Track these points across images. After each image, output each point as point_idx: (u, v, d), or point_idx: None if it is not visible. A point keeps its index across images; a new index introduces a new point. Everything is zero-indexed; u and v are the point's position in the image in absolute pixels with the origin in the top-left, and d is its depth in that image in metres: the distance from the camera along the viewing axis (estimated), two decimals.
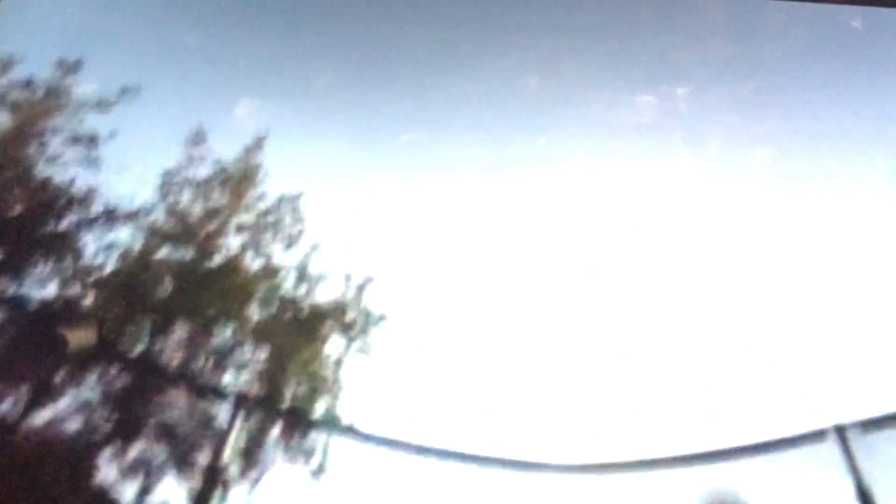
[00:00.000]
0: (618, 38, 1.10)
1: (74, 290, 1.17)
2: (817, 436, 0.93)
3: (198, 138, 1.20)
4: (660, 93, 1.07)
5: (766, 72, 1.09)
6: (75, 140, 1.22)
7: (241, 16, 1.07)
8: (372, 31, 1.06)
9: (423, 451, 1.03)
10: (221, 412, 1.14)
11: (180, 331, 1.16)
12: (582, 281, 0.98)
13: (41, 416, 1.13)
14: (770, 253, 1.00)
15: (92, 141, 1.22)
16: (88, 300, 1.17)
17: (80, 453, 1.08)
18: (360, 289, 1.21)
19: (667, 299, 0.98)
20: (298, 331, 1.19)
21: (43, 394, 1.14)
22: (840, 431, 0.93)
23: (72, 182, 1.21)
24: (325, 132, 1.03)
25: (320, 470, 1.17)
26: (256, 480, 1.16)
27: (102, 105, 1.22)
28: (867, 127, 1.09)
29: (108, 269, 1.17)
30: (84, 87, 1.21)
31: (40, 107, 1.20)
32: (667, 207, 1.02)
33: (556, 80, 1.06)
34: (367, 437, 1.13)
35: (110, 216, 1.19)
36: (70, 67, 1.21)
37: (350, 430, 1.16)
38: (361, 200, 1.06)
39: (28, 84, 1.21)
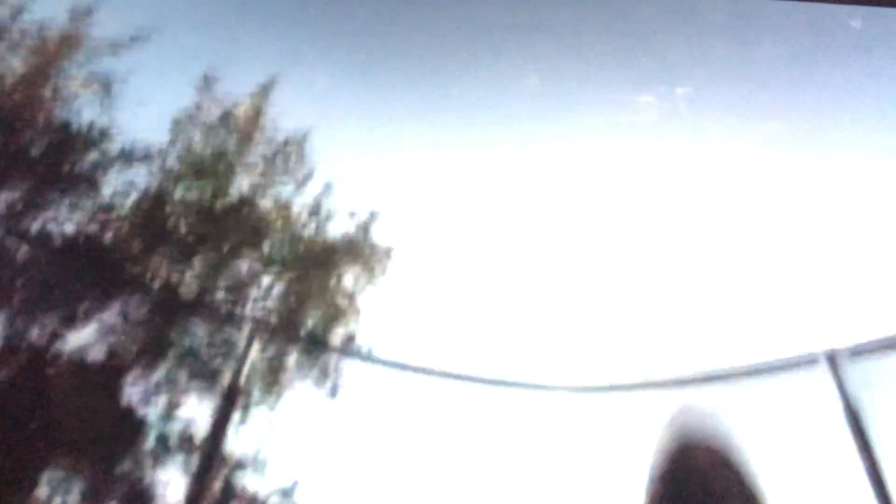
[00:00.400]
0: (619, 38, 1.10)
1: (96, 226, 1.20)
2: (809, 360, 0.94)
3: (209, 81, 1.22)
4: (660, 93, 1.07)
5: (766, 71, 1.10)
6: (91, 81, 1.24)
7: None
8: (369, 34, 1.06)
9: (431, 372, 1.06)
10: (240, 338, 1.18)
11: (200, 263, 1.19)
12: (576, 277, 0.99)
13: (71, 342, 1.17)
14: (767, 248, 1.00)
15: (107, 83, 1.24)
16: (110, 235, 1.20)
17: (109, 375, 1.11)
18: (369, 224, 1.23)
19: (662, 289, 0.99)
20: (312, 262, 1.22)
21: (70, 322, 1.17)
22: (831, 356, 0.95)
23: (90, 123, 1.23)
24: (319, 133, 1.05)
25: (334, 391, 1.21)
26: (274, 401, 1.20)
27: (115, 48, 1.24)
28: (866, 125, 1.09)
29: (129, 205, 1.20)
30: (98, 30, 1.22)
31: (56, 49, 1.22)
32: (667, 205, 1.02)
33: (557, 81, 1.07)
34: (378, 360, 1.16)
35: (129, 156, 1.22)
36: (84, 10, 1.23)
37: (361, 354, 1.19)
38: (373, 143, 1.08)
39: (44, 28, 1.23)
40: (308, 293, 1.22)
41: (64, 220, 1.22)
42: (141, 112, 1.23)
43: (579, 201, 1.02)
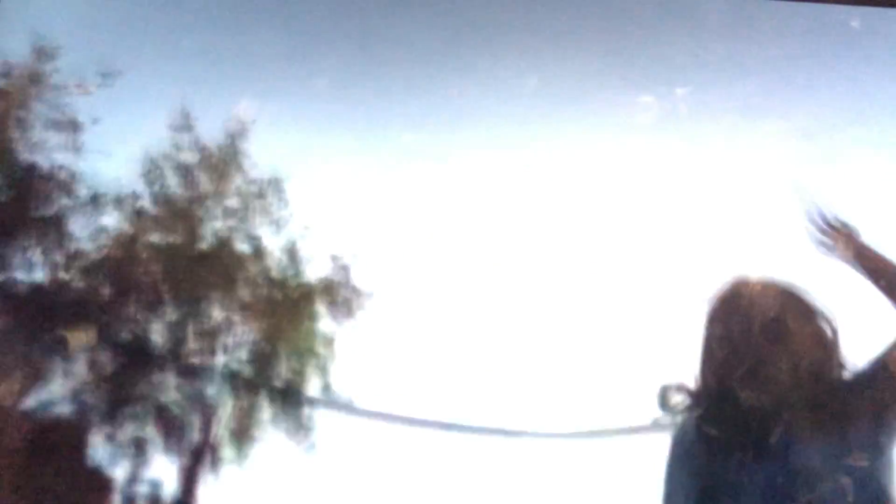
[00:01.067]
0: (618, 39, 1.10)
1: (64, 274, 1.16)
2: None
3: (184, 120, 1.18)
4: (659, 93, 1.07)
5: (766, 72, 1.10)
6: (59, 125, 1.20)
7: (239, 8, 1.07)
8: (369, 34, 1.06)
9: (410, 421, 1.03)
10: (213, 390, 1.14)
11: (171, 312, 1.16)
12: (577, 276, 0.99)
13: (36, 398, 1.13)
14: (767, 250, 1.00)
15: (75, 126, 1.20)
16: (79, 283, 1.16)
17: (75, 433, 1.08)
18: (348, 267, 1.20)
19: (662, 289, 0.99)
20: (288, 308, 1.19)
21: (36, 376, 1.13)
22: None
23: (58, 167, 1.19)
24: (323, 123, 1.04)
25: (310, 444, 1.17)
26: (247, 456, 1.16)
27: (84, 87, 1.20)
28: (866, 125, 1.09)
29: (100, 252, 1.17)
30: (66, 73, 1.19)
31: (23, 92, 1.19)
32: (666, 205, 1.02)
33: (556, 81, 1.07)
34: (356, 411, 1.13)
35: (97, 201, 1.18)
36: (50, 54, 1.19)
37: (339, 404, 1.16)
38: (354, 187, 1.07)
39: (9, 71, 1.20)
40: (284, 341, 1.19)
41: (31, 267, 1.18)
42: (116, 152, 1.20)
43: (579, 203, 1.02)
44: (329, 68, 1.06)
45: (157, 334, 1.15)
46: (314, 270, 1.20)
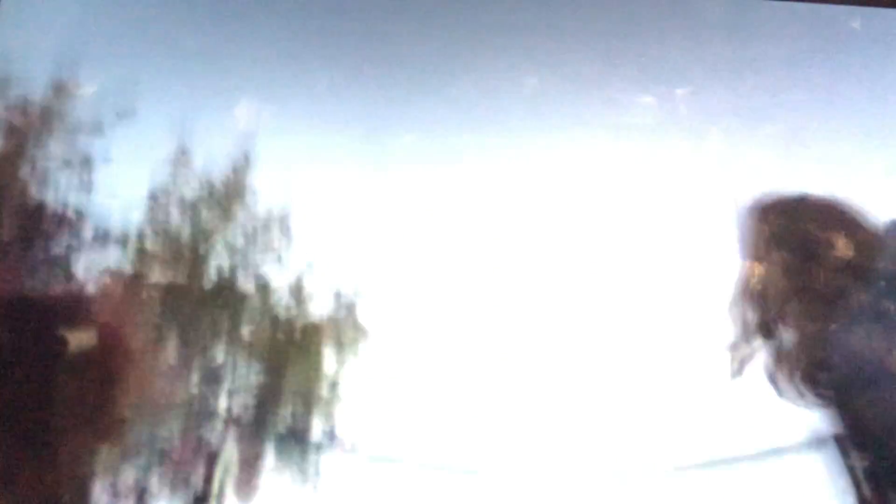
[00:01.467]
0: (618, 39, 1.10)
1: (67, 310, 1.15)
2: (820, 443, 0.93)
3: (185, 155, 1.17)
4: (659, 93, 1.07)
5: (766, 72, 1.10)
6: (68, 163, 1.20)
7: (237, 18, 1.07)
8: (370, 33, 1.06)
9: (422, 466, 1.02)
10: (214, 433, 1.12)
11: (173, 352, 1.14)
12: (583, 281, 0.98)
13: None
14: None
15: (86, 163, 1.20)
16: (80, 323, 1.15)
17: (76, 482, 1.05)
18: (353, 306, 1.18)
19: (662, 301, 0.99)
20: (293, 349, 1.18)
21: (36, 420, 1.11)
22: (840, 439, 0.93)
23: (66, 203, 1.19)
24: (324, 133, 1.03)
25: (315, 489, 1.14)
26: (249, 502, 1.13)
27: (97, 126, 1.19)
28: (867, 127, 1.09)
29: (99, 291, 1.15)
30: (79, 107, 1.18)
31: (36, 127, 1.18)
32: (666, 207, 1.02)
33: (556, 81, 1.06)
34: (363, 454, 1.11)
35: (102, 239, 1.17)
36: (66, 90, 1.18)
37: (345, 448, 1.14)
38: (359, 208, 1.06)
39: (23, 104, 1.19)
40: (287, 382, 1.17)
41: (33, 304, 1.16)
42: (121, 190, 1.19)
43: (579, 202, 1.01)
44: (330, 69, 1.06)
45: (160, 377, 1.14)
46: (319, 308, 1.19)
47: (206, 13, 1.10)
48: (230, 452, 1.12)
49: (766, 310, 0.95)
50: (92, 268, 1.15)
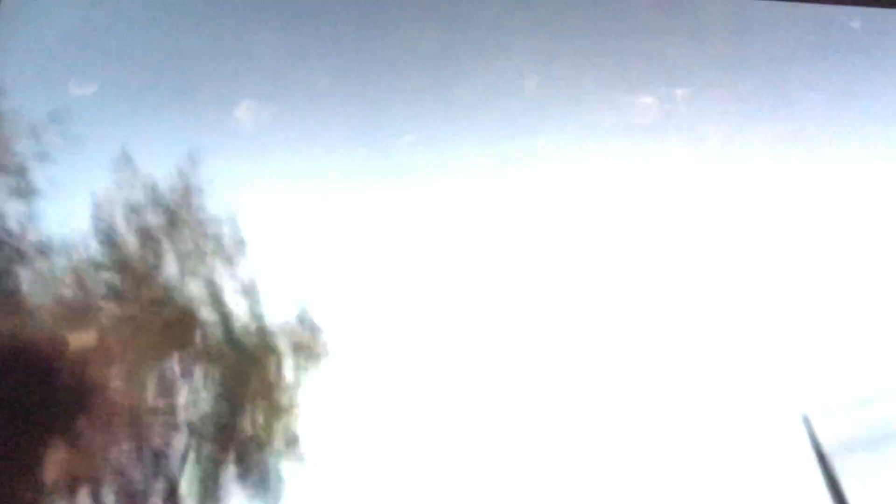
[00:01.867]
0: (618, 40, 1.10)
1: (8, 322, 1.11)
2: (788, 422, 0.94)
3: (126, 161, 1.13)
4: (660, 94, 1.07)
5: (766, 73, 1.10)
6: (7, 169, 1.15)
7: (236, 20, 1.07)
8: (369, 34, 1.06)
9: (386, 472, 1.00)
10: (173, 447, 1.09)
11: (123, 365, 1.11)
12: (581, 282, 0.98)
13: None
14: (767, 252, 1.00)
15: (23, 169, 1.15)
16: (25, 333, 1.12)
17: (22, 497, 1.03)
18: (307, 309, 1.15)
19: (663, 300, 0.99)
20: (247, 355, 1.15)
21: None
22: (808, 420, 0.95)
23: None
24: (323, 134, 1.03)
25: (276, 499, 1.12)
26: None
27: (33, 130, 1.15)
28: (867, 126, 1.09)
29: (44, 300, 1.11)
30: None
31: None
32: (667, 207, 1.02)
33: (556, 82, 1.07)
34: (325, 462, 1.09)
35: (45, 248, 1.13)
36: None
37: (306, 457, 1.12)
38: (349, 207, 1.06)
39: None
40: (244, 390, 1.14)
41: None
42: (65, 196, 1.16)
43: (580, 202, 1.01)
44: (329, 69, 1.06)
45: (111, 390, 1.11)
46: (278, 314, 1.16)
47: (207, 14, 1.10)
48: (191, 464, 1.10)
49: None
50: (36, 279, 1.12)
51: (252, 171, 1.13)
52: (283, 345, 1.18)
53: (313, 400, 1.10)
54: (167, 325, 1.10)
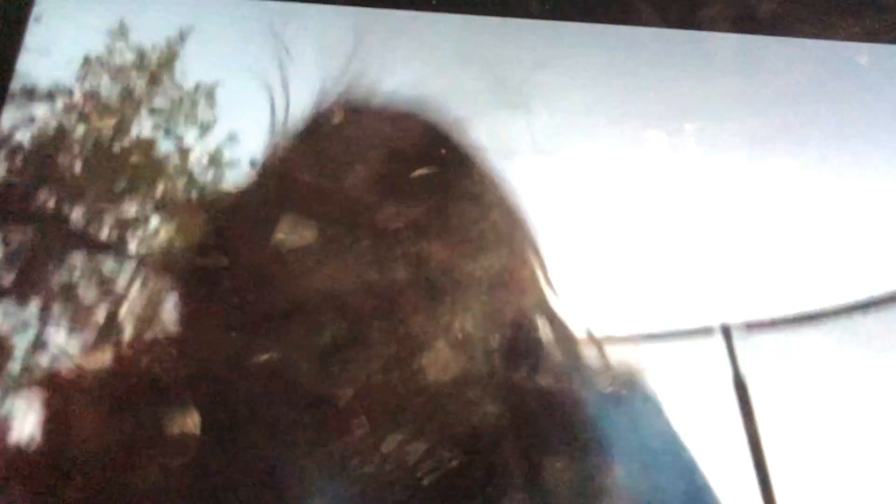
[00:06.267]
0: (628, 75, 1.11)
1: None
2: (705, 331, 0.97)
3: (123, 28, 1.19)
4: (669, 128, 1.09)
5: (774, 107, 1.11)
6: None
7: None
8: (376, 66, 1.08)
9: None
10: (122, 276, 1.15)
11: (88, 200, 1.16)
12: (591, 312, 0.99)
13: None
14: (774, 284, 1.01)
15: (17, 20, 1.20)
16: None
17: None
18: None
19: (667, 330, 1.00)
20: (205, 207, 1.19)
21: None
22: (726, 329, 0.98)
23: None
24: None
25: None
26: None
27: None
28: (875, 160, 1.10)
29: (23, 141, 1.17)
30: None
31: None
32: (676, 237, 1.03)
33: (568, 116, 1.08)
34: None
35: (30, 93, 1.19)
36: None
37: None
38: None
39: None
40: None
41: None
42: (54, 51, 1.21)
43: (589, 234, 1.02)
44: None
45: (73, 222, 1.16)
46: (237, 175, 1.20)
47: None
48: (136, 290, 1.13)
49: None
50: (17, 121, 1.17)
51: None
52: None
53: None
54: (131, 170, 1.14)
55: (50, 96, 1.17)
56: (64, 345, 1.03)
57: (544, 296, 0.99)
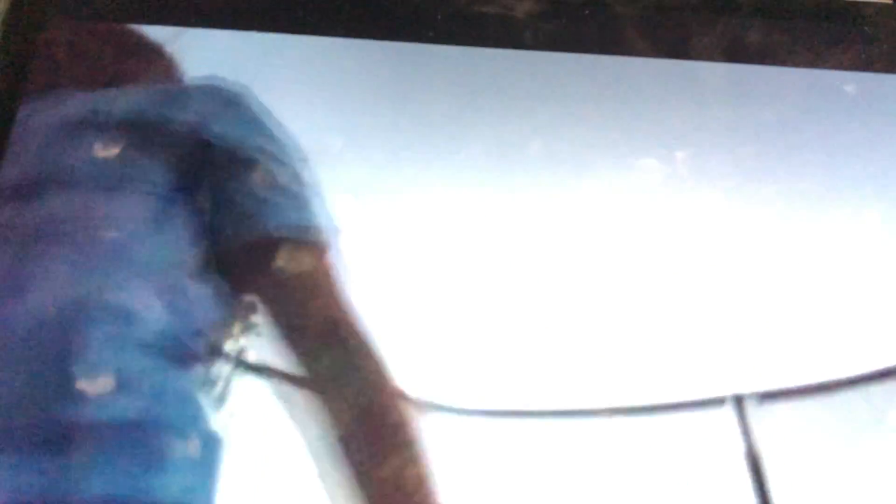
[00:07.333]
0: (619, 104, 1.13)
1: None
2: (716, 402, 0.95)
3: None
4: (660, 156, 1.10)
5: (763, 135, 1.13)
6: None
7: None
8: (383, 101, 1.10)
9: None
10: None
11: None
12: (583, 338, 1.00)
13: None
14: (767, 311, 1.02)
15: None
16: None
17: None
18: None
19: (660, 355, 1.01)
20: None
21: None
22: (738, 400, 0.96)
23: None
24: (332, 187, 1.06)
25: None
26: None
27: None
28: (862, 187, 1.12)
29: None
30: None
31: None
32: (667, 266, 1.05)
33: (560, 144, 1.10)
34: None
35: None
36: None
37: None
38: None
39: None
40: None
41: None
42: None
43: (581, 262, 1.04)
44: (338, 129, 1.09)
45: None
46: None
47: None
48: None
49: None
50: None
51: None
52: None
53: None
54: None
55: None
56: None
57: None
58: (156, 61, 1.08)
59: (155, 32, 1.13)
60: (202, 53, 1.11)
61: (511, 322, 1.01)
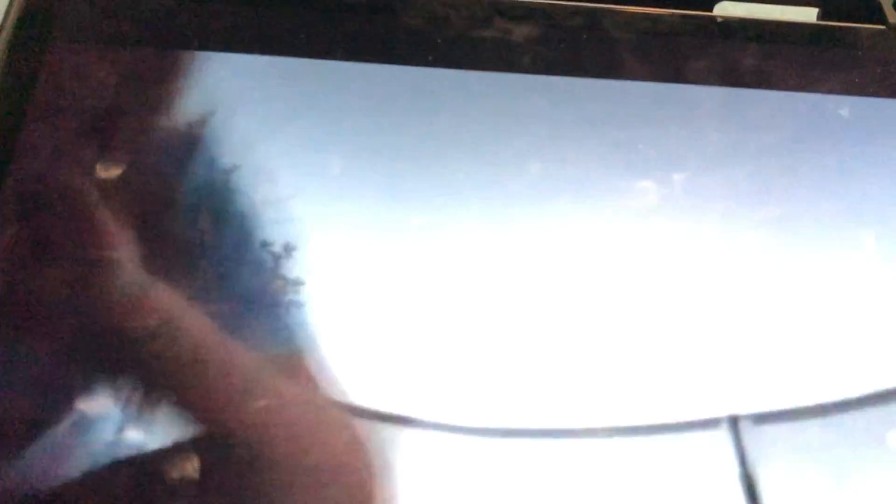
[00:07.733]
0: (617, 127, 1.14)
1: None
2: (711, 423, 0.94)
3: None
4: (657, 178, 1.11)
5: (759, 158, 1.14)
6: None
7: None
8: (382, 124, 1.11)
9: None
10: None
11: None
12: (580, 357, 1.00)
13: None
14: (762, 332, 1.03)
15: None
16: None
17: None
18: None
19: (658, 375, 1.01)
20: None
21: None
22: (734, 421, 0.95)
23: None
24: (333, 218, 1.07)
25: None
26: None
27: None
28: (857, 209, 1.13)
29: None
30: None
31: None
32: (663, 287, 1.05)
33: (558, 166, 1.11)
34: None
35: None
36: None
37: None
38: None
39: None
40: None
41: None
42: None
43: (579, 283, 1.04)
44: (337, 152, 1.10)
45: None
46: None
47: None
48: None
49: None
50: None
51: None
52: None
53: None
54: None
55: None
56: None
57: None
58: (159, 85, 1.09)
59: (158, 56, 1.14)
60: (204, 77, 1.12)
61: (507, 342, 1.02)
